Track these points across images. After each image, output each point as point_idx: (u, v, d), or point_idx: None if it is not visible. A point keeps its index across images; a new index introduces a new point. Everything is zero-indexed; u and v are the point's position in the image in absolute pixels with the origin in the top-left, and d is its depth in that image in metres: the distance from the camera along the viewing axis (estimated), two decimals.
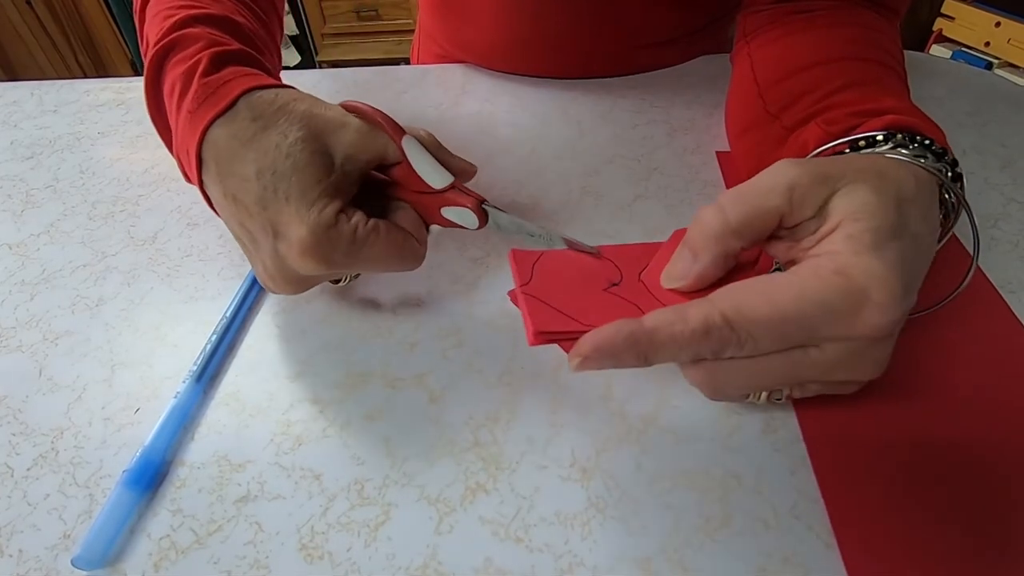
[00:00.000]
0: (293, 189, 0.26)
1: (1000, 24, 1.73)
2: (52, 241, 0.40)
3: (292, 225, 0.26)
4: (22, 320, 0.35)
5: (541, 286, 0.26)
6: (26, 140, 0.50)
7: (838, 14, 0.39)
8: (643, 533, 0.25)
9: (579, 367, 0.21)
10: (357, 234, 0.27)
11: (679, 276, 0.24)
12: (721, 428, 0.28)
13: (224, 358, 0.32)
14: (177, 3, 0.33)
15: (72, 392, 0.31)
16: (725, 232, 0.23)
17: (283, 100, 0.28)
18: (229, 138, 0.27)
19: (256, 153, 0.26)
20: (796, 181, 0.23)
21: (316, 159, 0.26)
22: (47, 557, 0.25)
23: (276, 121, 0.27)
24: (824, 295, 0.21)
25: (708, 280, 0.24)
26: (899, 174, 0.24)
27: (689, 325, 0.21)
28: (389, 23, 2.24)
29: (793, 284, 0.21)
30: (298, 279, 0.28)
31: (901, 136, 0.28)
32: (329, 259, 0.26)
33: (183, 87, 0.28)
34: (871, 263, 0.21)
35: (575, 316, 0.24)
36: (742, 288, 0.22)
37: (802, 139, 0.32)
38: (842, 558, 0.24)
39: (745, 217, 0.23)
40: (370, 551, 0.25)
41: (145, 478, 0.26)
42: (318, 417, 0.29)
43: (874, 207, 0.22)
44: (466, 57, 0.58)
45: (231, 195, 0.27)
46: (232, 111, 0.27)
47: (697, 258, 0.24)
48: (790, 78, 0.37)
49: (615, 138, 0.47)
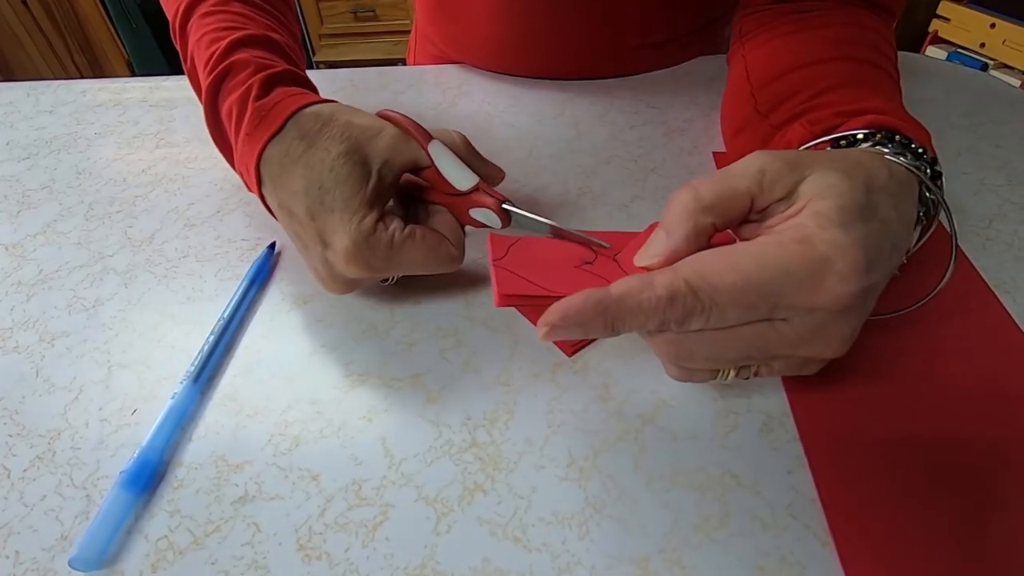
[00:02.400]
0: (337, 201, 0.29)
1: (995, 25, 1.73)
2: (49, 242, 0.40)
3: (337, 235, 0.29)
4: (19, 321, 0.35)
5: (514, 261, 0.27)
6: (22, 141, 0.50)
7: (833, 15, 0.39)
8: (641, 533, 0.25)
9: (547, 336, 0.22)
10: (394, 240, 0.29)
11: (652, 254, 0.24)
12: (719, 428, 0.28)
13: (221, 359, 0.32)
14: (218, 26, 0.36)
15: (69, 393, 0.31)
16: (696, 208, 0.23)
17: (325, 117, 0.30)
18: (280, 156, 0.30)
19: (304, 169, 0.29)
20: (767, 166, 0.23)
21: (356, 170, 0.29)
22: (44, 558, 0.25)
23: (320, 138, 0.30)
24: (786, 261, 0.21)
25: (680, 257, 0.24)
26: (872, 163, 0.25)
27: (655, 292, 0.21)
28: (386, 24, 2.24)
29: (756, 252, 0.22)
30: (346, 281, 0.31)
31: (881, 135, 0.28)
32: (370, 264, 0.29)
33: (239, 112, 0.32)
34: (835, 234, 0.21)
35: (543, 285, 0.25)
36: (706, 256, 0.22)
37: (786, 138, 0.33)
38: (839, 557, 0.24)
39: (716, 195, 0.23)
40: (368, 551, 0.25)
41: (142, 479, 0.26)
42: (316, 417, 0.29)
43: (841, 188, 0.22)
44: (462, 58, 0.58)
45: (286, 207, 0.30)
46: (282, 132, 0.30)
47: (670, 235, 0.24)
48: (781, 78, 0.37)
49: (612, 139, 0.47)
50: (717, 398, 0.29)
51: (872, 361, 0.30)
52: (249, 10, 0.38)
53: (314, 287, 0.36)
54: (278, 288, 0.36)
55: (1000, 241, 0.37)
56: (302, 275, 0.37)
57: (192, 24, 0.37)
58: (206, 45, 0.35)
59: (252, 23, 0.37)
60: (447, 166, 0.31)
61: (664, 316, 0.21)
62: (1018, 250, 0.37)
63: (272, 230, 0.40)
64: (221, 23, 0.36)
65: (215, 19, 0.36)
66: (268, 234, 0.39)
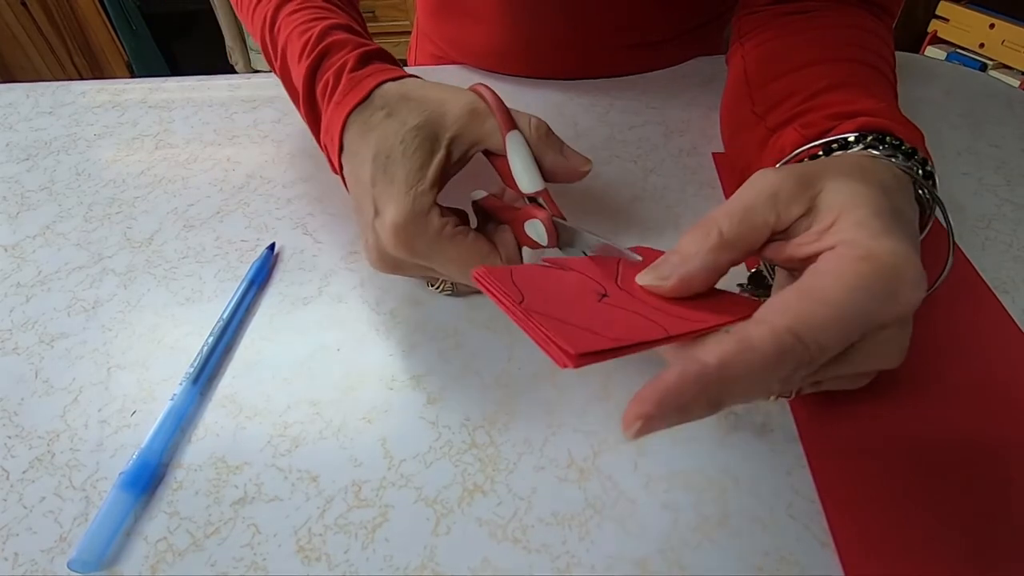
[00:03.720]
0: (399, 172, 0.28)
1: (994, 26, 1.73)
2: (48, 243, 0.40)
3: (390, 205, 0.28)
4: (18, 322, 0.35)
5: (538, 301, 0.22)
6: (22, 142, 0.50)
7: (831, 15, 0.39)
8: (640, 533, 0.25)
9: (641, 431, 0.17)
10: (444, 231, 0.29)
11: (663, 275, 0.23)
12: (718, 429, 0.28)
13: (221, 360, 0.32)
14: (308, 17, 0.37)
15: (68, 394, 0.31)
16: (719, 245, 0.23)
17: (407, 89, 0.31)
18: (361, 124, 0.30)
19: (378, 137, 0.29)
20: (779, 187, 0.23)
21: (425, 144, 0.29)
22: (43, 560, 0.25)
23: (400, 109, 0.30)
24: (867, 281, 0.19)
25: (690, 287, 0.23)
26: (876, 167, 0.25)
27: (761, 350, 0.18)
28: (386, 25, 2.24)
29: (833, 279, 0.20)
30: (389, 260, 0.30)
31: (872, 138, 0.28)
32: (413, 245, 0.28)
33: (334, 83, 0.33)
34: (893, 244, 0.20)
35: (601, 332, 0.21)
36: (788, 300, 0.20)
37: (780, 143, 0.33)
38: (839, 557, 0.24)
39: (738, 234, 0.23)
40: (368, 552, 0.24)
41: (141, 481, 0.26)
42: (315, 419, 0.29)
43: (867, 195, 0.22)
44: (463, 58, 0.58)
45: (355, 174, 0.31)
46: (367, 101, 0.31)
47: (686, 262, 0.23)
48: (777, 80, 0.37)
49: (612, 139, 0.47)
50: None
51: None
52: (330, 5, 0.39)
53: (314, 288, 0.36)
54: (277, 289, 0.36)
55: (999, 241, 0.37)
56: (302, 276, 0.37)
57: (280, 25, 0.38)
58: (298, 36, 0.36)
59: (336, 15, 0.38)
60: (517, 162, 0.29)
61: (773, 375, 0.19)
62: (1017, 250, 0.37)
63: (272, 231, 0.40)
64: (310, 16, 0.37)
65: (302, 14, 0.37)
66: (268, 235, 0.39)
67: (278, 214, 0.41)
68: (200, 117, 0.52)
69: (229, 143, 0.49)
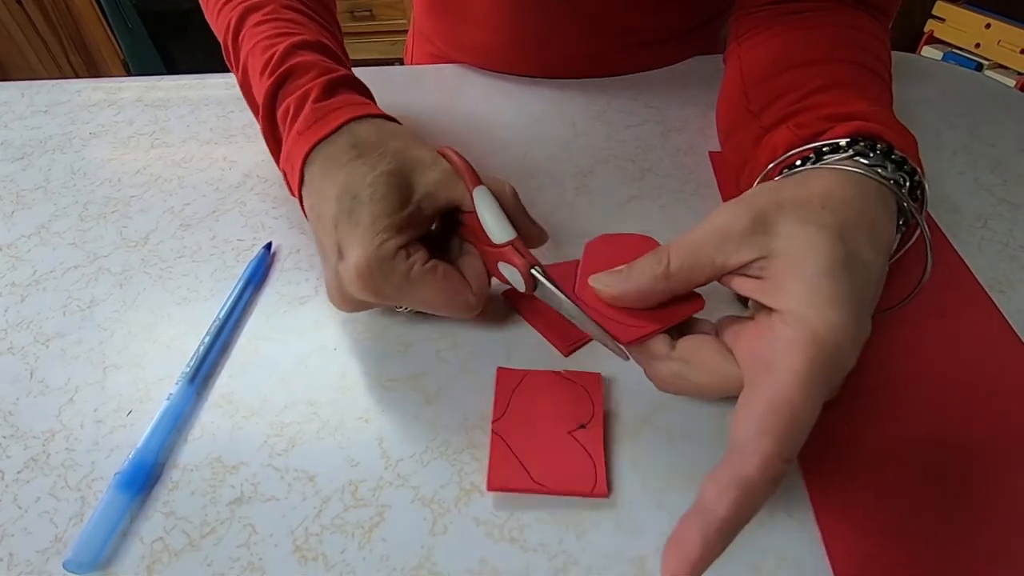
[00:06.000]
0: (365, 216, 0.28)
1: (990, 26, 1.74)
2: (43, 242, 0.40)
3: (354, 249, 0.27)
4: (13, 322, 0.34)
5: (511, 424, 0.28)
6: (16, 141, 0.50)
7: (829, 15, 0.39)
8: (637, 533, 0.25)
9: None
10: (412, 273, 0.28)
11: (607, 283, 0.25)
12: (715, 428, 0.28)
13: (217, 360, 0.32)
14: (272, 32, 0.36)
15: (64, 394, 0.31)
16: (661, 274, 0.24)
17: (383, 134, 0.30)
18: (327, 160, 0.30)
19: (345, 176, 0.29)
20: (731, 228, 0.24)
21: (394, 192, 0.28)
22: (38, 561, 0.25)
23: (371, 153, 0.29)
24: (820, 371, 0.21)
25: (627, 303, 0.25)
26: (846, 193, 0.25)
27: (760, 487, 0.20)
28: (384, 23, 2.24)
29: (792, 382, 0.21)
30: (353, 300, 0.30)
31: (863, 144, 0.28)
32: (379, 290, 0.28)
33: (296, 110, 0.32)
34: (836, 317, 0.21)
35: (533, 473, 0.26)
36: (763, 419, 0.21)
37: (772, 141, 0.33)
38: (827, 553, 0.24)
39: (680, 266, 0.24)
40: (364, 552, 0.24)
41: (137, 480, 0.26)
42: (312, 418, 0.29)
43: (819, 245, 0.23)
44: (460, 57, 0.58)
45: (316, 210, 0.30)
46: (335, 135, 0.30)
47: (630, 279, 0.25)
48: (773, 78, 0.37)
49: (609, 138, 0.47)
50: (716, 399, 0.29)
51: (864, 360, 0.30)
52: (301, 18, 0.38)
53: (310, 287, 0.36)
54: (274, 289, 0.36)
55: (995, 241, 0.37)
56: (298, 276, 0.36)
57: (244, 34, 0.37)
58: (261, 51, 0.35)
59: (306, 29, 0.37)
60: (487, 215, 0.29)
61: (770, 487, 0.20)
62: (1013, 249, 0.37)
63: (268, 231, 0.40)
64: (275, 30, 0.36)
65: (268, 27, 0.36)
66: (264, 234, 0.39)
67: (275, 213, 0.41)
68: (196, 116, 0.52)
69: (225, 142, 0.49)
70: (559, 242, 0.38)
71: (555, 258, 0.37)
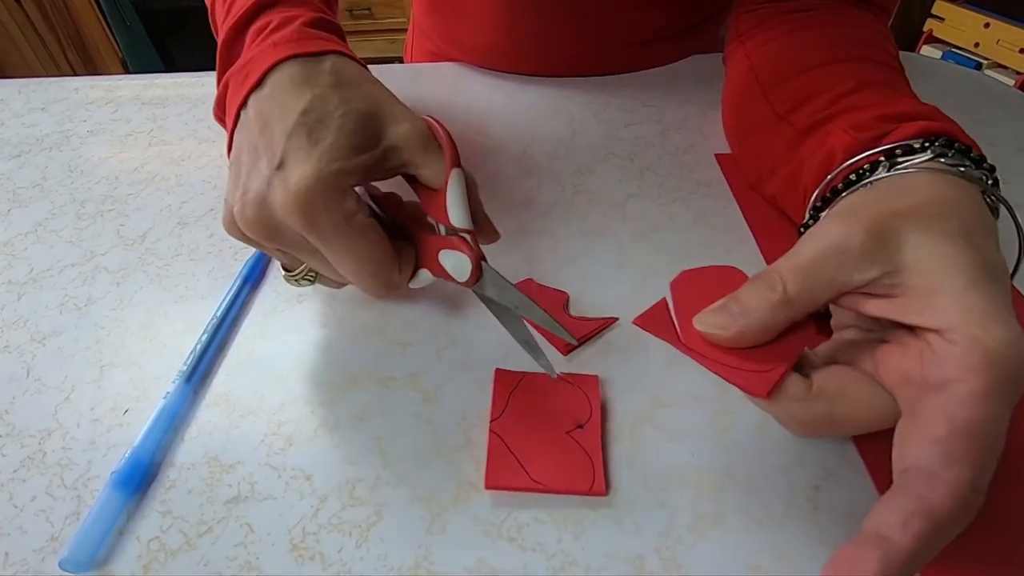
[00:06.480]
0: (328, 137, 0.25)
1: (989, 25, 1.74)
2: (40, 240, 0.40)
3: (302, 163, 0.25)
4: (9, 320, 0.34)
5: (509, 423, 0.28)
6: (13, 138, 0.49)
7: (832, 13, 0.39)
8: (636, 532, 0.25)
9: None
10: (356, 217, 0.26)
11: (721, 325, 0.22)
12: (714, 426, 0.28)
13: (214, 358, 0.32)
14: None
15: (60, 393, 0.30)
16: (784, 301, 0.22)
17: (366, 78, 0.29)
18: (300, 76, 0.27)
19: (315, 99, 0.26)
20: (848, 242, 0.22)
21: (362, 133, 0.26)
22: (34, 560, 0.24)
23: (349, 88, 0.27)
24: (1001, 393, 0.19)
25: (746, 340, 0.22)
26: (957, 200, 0.23)
27: (946, 516, 0.18)
28: (382, 22, 2.23)
29: (975, 407, 0.19)
30: (261, 222, 0.26)
31: (938, 144, 0.26)
32: (313, 217, 0.25)
33: (279, 25, 0.30)
34: (1005, 333, 0.20)
35: (531, 472, 0.26)
36: (948, 443, 0.19)
37: (827, 146, 0.31)
38: None
39: (800, 291, 0.22)
40: (362, 552, 0.24)
41: (134, 479, 0.26)
42: (309, 417, 0.29)
43: (957, 257, 0.21)
44: (460, 55, 0.58)
45: (264, 116, 0.27)
46: (318, 58, 0.28)
47: (746, 314, 0.22)
48: (796, 78, 0.36)
49: (608, 137, 0.47)
50: (713, 398, 0.29)
51: None
52: None
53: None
54: (272, 287, 0.36)
55: None
56: None
57: None
58: None
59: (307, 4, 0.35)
60: (457, 198, 0.28)
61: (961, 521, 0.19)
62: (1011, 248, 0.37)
63: None
64: None
65: None
66: None
67: None
68: (194, 114, 0.52)
69: (223, 140, 0.48)
70: (557, 241, 0.38)
71: (536, 258, 0.36)
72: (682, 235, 0.38)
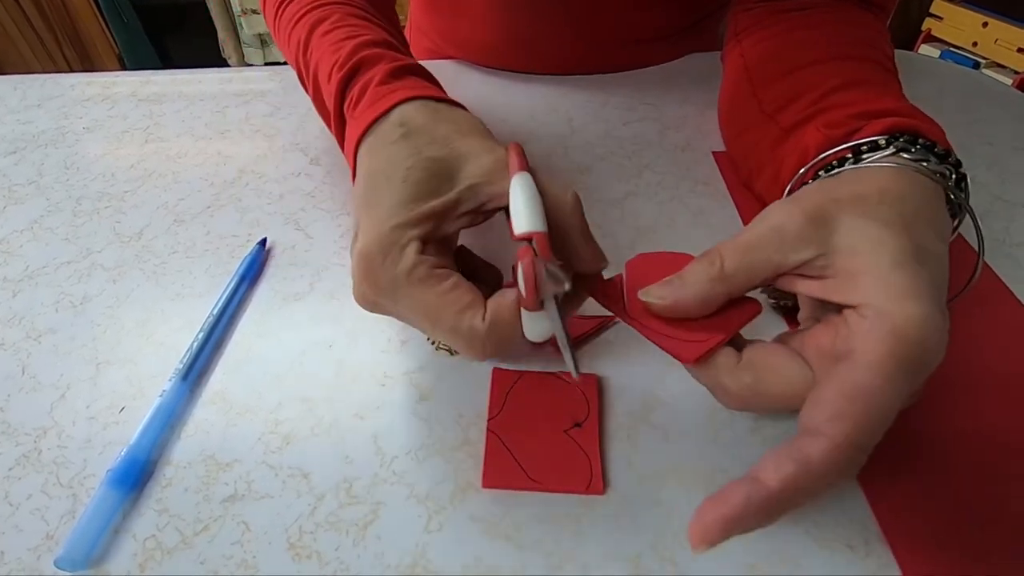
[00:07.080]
0: (387, 197, 0.25)
1: (987, 24, 1.75)
2: (36, 237, 0.39)
3: (365, 231, 0.25)
4: (4, 318, 0.34)
5: (506, 422, 0.28)
6: (9, 135, 0.49)
7: (830, 12, 0.39)
8: (633, 530, 0.25)
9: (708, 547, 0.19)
10: (415, 270, 0.23)
11: (660, 295, 0.24)
12: (711, 425, 0.28)
13: (211, 356, 0.32)
14: (339, 36, 0.35)
15: (56, 391, 0.30)
16: (716, 277, 0.23)
17: (436, 118, 0.28)
18: (375, 140, 0.28)
19: (387, 156, 0.27)
20: (785, 225, 0.23)
21: (431, 180, 0.25)
22: (29, 558, 0.24)
23: (420, 135, 0.27)
24: (903, 365, 0.20)
25: (683, 311, 0.24)
26: (901, 189, 0.24)
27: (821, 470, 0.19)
28: None
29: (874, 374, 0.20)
30: (361, 294, 0.25)
31: (903, 139, 0.27)
32: (375, 280, 0.24)
33: (358, 97, 0.31)
34: (918, 309, 0.20)
35: (528, 471, 0.26)
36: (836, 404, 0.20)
37: (803, 144, 0.32)
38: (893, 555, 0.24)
39: (736, 267, 0.23)
40: (359, 550, 0.24)
41: (130, 478, 0.26)
42: (306, 415, 0.29)
43: (886, 239, 0.22)
44: (457, 53, 0.58)
45: (354, 190, 0.28)
46: (386, 116, 0.29)
47: (684, 287, 0.23)
48: (785, 77, 0.36)
49: (606, 135, 0.47)
50: (710, 397, 0.29)
51: None
52: (365, 22, 0.37)
53: (305, 284, 0.35)
54: (269, 285, 0.36)
55: (992, 238, 0.37)
56: (293, 272, 0.36)
57: (313, 46, 0.36)
58: (330, 54, 0.34)
59: (371, 30, 0.36)
60: (518, 201, 0.24)
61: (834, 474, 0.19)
62: (1009, 247, 0.37)
63: (263, 227, 0.40)
64: (343, 35, 0.35)
65: (336, 33, 0.36)
66: (259, 230, 0.39)
67: (270, 209, 0.41)
68: (191, 111, 0.52)
69: (220, 137, 0.48)
70: None
71: None
72: (680, 233, 0.38)
